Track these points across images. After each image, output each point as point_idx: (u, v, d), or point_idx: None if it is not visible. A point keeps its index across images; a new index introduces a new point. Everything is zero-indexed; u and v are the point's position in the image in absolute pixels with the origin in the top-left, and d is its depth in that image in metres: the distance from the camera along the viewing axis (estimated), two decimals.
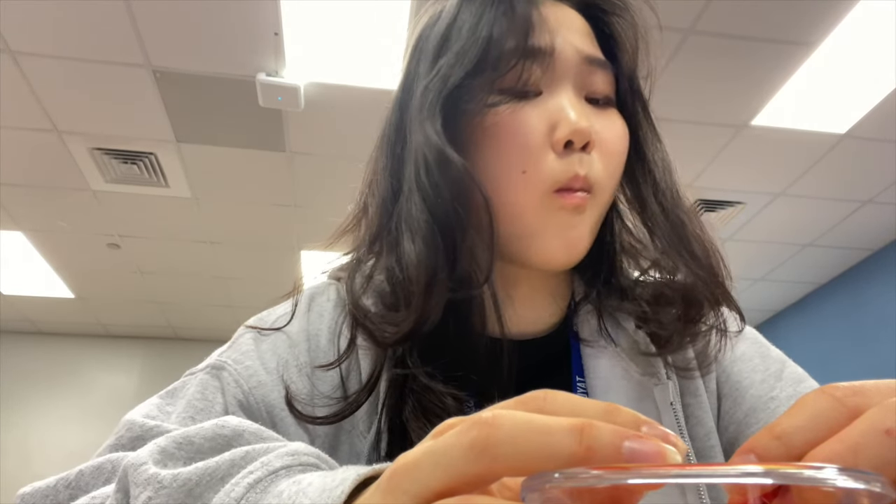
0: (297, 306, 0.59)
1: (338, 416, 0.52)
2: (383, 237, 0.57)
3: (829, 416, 0.24)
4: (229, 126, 2.99)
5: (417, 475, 0.23)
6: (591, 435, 0.21)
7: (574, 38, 0.56)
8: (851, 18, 2.42)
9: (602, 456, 0.21)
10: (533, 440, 0.22)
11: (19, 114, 2.86)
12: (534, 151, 0.53)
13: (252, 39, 2.51)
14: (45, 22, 2.41)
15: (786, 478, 0.20)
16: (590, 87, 0.56)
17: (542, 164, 0.52)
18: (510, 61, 0.52)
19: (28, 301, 4.75)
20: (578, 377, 0.58)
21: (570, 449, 0.21)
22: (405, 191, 0.55)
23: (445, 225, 0.51)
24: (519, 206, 0.53)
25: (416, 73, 0.58)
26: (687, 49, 2.56)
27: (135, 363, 5.34)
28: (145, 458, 0.36)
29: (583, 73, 0.55)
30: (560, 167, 0.52)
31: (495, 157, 0.53)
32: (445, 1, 0.59)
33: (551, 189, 0.52)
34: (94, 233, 3.88)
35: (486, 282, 0.52)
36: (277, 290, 0.63)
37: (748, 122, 2.98)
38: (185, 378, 0.54)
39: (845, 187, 3.46)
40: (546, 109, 0.54)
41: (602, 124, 0.55)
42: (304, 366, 0.55)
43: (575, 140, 0.52)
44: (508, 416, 0.23)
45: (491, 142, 0.53)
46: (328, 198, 3.40)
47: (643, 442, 0.21)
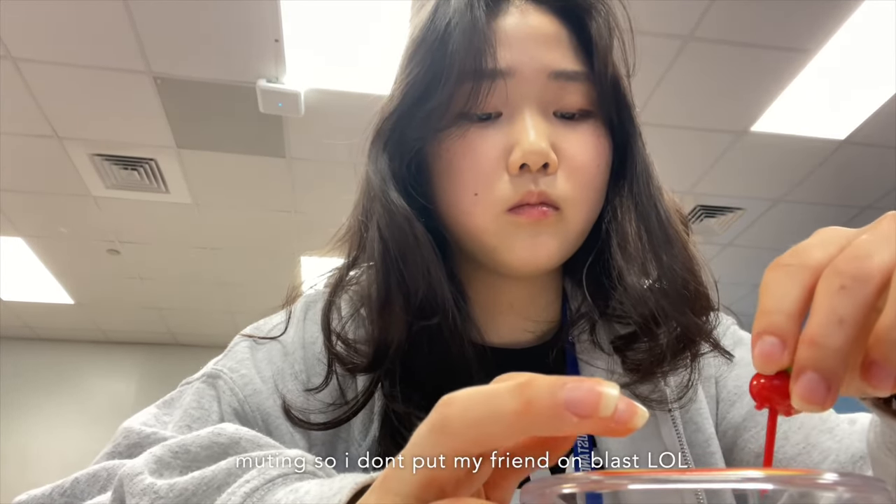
0: (293, 315, 0.59)
1: (334, 422, 0.52)
2: (354, 258, 0.58)
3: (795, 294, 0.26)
4: (230, 132, 2.99)
5: (402, 474, 0.23)
6: (530, 389, 0.22)
7: (540, 53, 0.53)
8: (850, 25, 2.42)
9: (541, 407, 0.21)
10: (480, 407, 0.22)
11: (20, 120, 2.86)
12: (486, 174, 0.52)
13: (252, 46, 2.51)
14: (46, 28, 2.42)
15: (787, 482, 0.20)
16: (559, 103, 0.53)
17: (493, 186, 0.52)
18: (463, 84, 0.51)
19: (28, 307, 4.75)
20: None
21: (512, 406, 0.22)
22: (368, 212, 0.56)
23: (395, 253, 0.52)
24: (474, 226, 0.53)
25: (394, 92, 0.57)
26: (686, 55, 2.57)
27: (134, 369, 5.33)
28: (141, 467, 0.35)
29: (549, 89, 0.53)
30: (511, 188, 0.51)
31: (448, 180, 0.54)
32: (419, 18, 0.57)
33: (503, 209, 0.52)
34: (94, 239, 3.88)
35: (440, 311, 0.52)
36: (277, 295, 0.63)
37: (748, 128, 2.98)
38: (182, 387, 0.54)
39: (844, 193, 3.47)
40: (503, 131, 0.52)
41: (570, 141, 0.53)
42: (299, 374, 0.55)
43: (529, 163, 0.51)
44: (461, 392, 0.23)
45: (445, 166, 0.54)
46: (328, 204, 3.40)
47: (578, 386, 0.21)
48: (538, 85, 0.53)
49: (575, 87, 0.54)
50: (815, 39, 2.50)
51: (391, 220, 0.53)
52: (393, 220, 0.53)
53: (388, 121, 0.55)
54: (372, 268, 0.55)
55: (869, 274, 0.25)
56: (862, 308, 0.25)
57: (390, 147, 0.55)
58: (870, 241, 0.26)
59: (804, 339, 0.25)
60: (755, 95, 2.78)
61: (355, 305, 0.57)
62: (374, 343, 0.53)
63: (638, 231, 0.56)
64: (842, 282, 0.25)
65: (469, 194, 0.52)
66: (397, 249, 0.52)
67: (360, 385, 0.54)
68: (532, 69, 0.52)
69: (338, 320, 0.56)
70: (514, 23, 0.53)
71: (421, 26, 0.54)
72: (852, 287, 0.25)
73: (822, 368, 0.24)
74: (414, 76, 0.53)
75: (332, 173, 3.21)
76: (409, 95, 0.53)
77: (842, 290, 0.25)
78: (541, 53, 0.53)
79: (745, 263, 4.16)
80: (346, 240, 0.60)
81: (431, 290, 0.52)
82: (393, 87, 0.56)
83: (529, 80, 0.52)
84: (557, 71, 0.53)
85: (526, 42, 0.53)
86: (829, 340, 0.24)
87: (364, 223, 0.56)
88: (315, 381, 0.54)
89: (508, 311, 0.60)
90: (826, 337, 0.24)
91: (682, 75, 2.64)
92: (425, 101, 0.52)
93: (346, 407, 0.53)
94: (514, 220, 0.52)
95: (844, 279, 0.25)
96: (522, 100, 0.53)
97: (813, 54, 2.56)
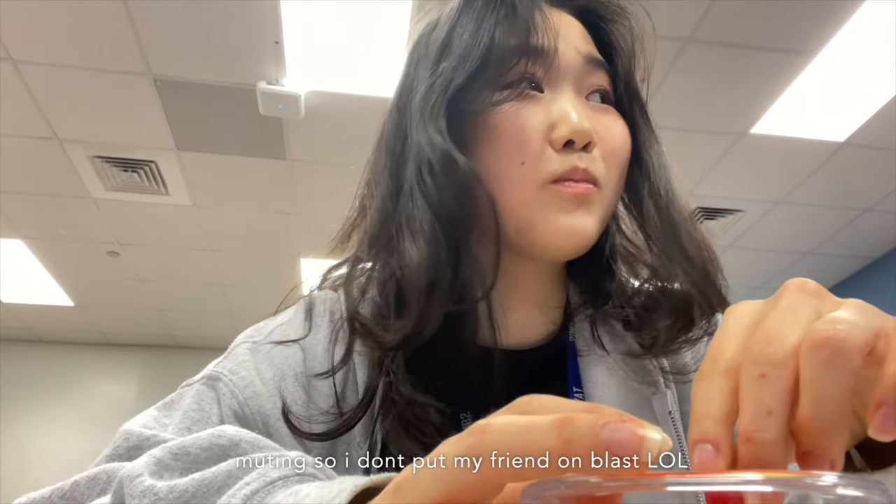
0: (294, 316, 0.59)
1: (333, 433, 0.52)
2: (382, 238, 0.56)
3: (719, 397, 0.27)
4: (230, 134, 2.99)
5: (419, 486, 0.23)
6: (570, 427, 0.21)
7: (575, 40, 0.57)
8: (850, 26, 2.42)
9: (581, 447, 0.21)
10: (519, 440, 0.22)
11: (20, 122, 2.87)
12: (533, 145, 0.53)
13: (253, 48, 2.52)
14: (47, 30, 2.42)
15: (786, 485, 0.20)
16: (590, 88, 0.57)
17: (539, 157, 0.53)
18: (513, 60, 0.54)
19: (28, 309, 4.75)
20: (576, 387, 0.58)
21: (551, 443, 0.21)
22: (406, 191, 0.55)
23: (449, 226, 0.52)
24: (518, 198, 0.53)
25: (415, 77, 0.58)
26: (686, 58, 2.57)
27: (134, 371, 5.33)
28: (141, 469, 0.35)
29: (583, 73, 0.56)
30: (558, 160, 0.53)
31: (495, 152, 0.54)
32: (444, 8, 0.59)
33: (548, 180, 0.52)
34: (94, 241, 3.88)
35: (490, 288, 0.52)
36: (277, 297, 0.63)
37: (747, 131, 2.98)
38: (182, 389, 0.54)
39: (845, 195, 3.47)
40: (547, 109, 0.54)
41: (603, 125, 0.56)
42: (300, 376, 0.54)
43: (576, 140, 0.52)
44: (498, 421, 0.23)
45: (492, 139, 0.54)
46: (328, 206, 3.40)
47: (620, 428, 0.21)
48: (576, 67, 0.56)
49: (602, 74, 0.57)
50: (815, 41, 2.50)
51: (456, 186, 0.52)
52: (458, 184, 0.52)
53: (439, 93, 0.54)
54: (402, 246, 0.53)
55: (784, 357, 0.25)
56: (786, 394, 0.25)
57: (447, 113, 0.54)
58: (777, 321, 0.27)
59: (741, 438, 0.25)
60: (755, 97, 2.78)
61: (385, 288, 0.55)
62: (412, 322, 0.51)
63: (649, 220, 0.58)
64: (760, 370, 0.25)
65: (516, 164, 0.53)
66: (457, 218, 0.52)
67: (360, 386, 0.54)
68: (571, 51, 0.56)
69: (359, 295, 0.55)
70: (549, 13, 0.57)
71: (457, 9, 0.57)
72: (771, 374, 0.25)
73: (764, 462, 0.25)
74: (464, 49, 0.54)
75: (332, 175, 3.21)
76: (461, 69, 0.54)
77: (762, 378, 0.25)
78: (575, 41, 0.57)
79: (745, 266, 4.16)
80: (353, 230, 0.60)
81: (480, 271, 0.52)
82: (437, 66, 0.56)
83: (569, 62, 0.56)
84: (591, 56, 0.57)
85: (563, 28, 0.57)
86: (763, 435, 0.25)
87: (386, 200, 0.56)
88: (316, 385, 0.54)
89: (521, 305, 0.60)
90: (759, 432, 0.25)
91: (682, 77, 2.64)
92: (479, 75, 0.54)
93: (346, 416, 0.52)
94: (558, 193, 0.52)
95: (762, 367, 0.25)
96: (563, 80, 0.55)
97: (813, 56, 2.56)
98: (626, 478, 0.20)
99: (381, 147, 0.60)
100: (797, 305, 0.27)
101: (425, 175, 0.53)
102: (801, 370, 0.25)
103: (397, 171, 0.57)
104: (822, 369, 0.25)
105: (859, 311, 0.27)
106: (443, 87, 0.54)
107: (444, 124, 0.53)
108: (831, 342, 0.25)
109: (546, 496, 0.21)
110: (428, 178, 0.53)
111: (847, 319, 0.26)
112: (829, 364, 0.25)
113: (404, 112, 0.58)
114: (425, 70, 0.57)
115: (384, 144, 0.60)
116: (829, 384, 0.25)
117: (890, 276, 4.01)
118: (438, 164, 0.52)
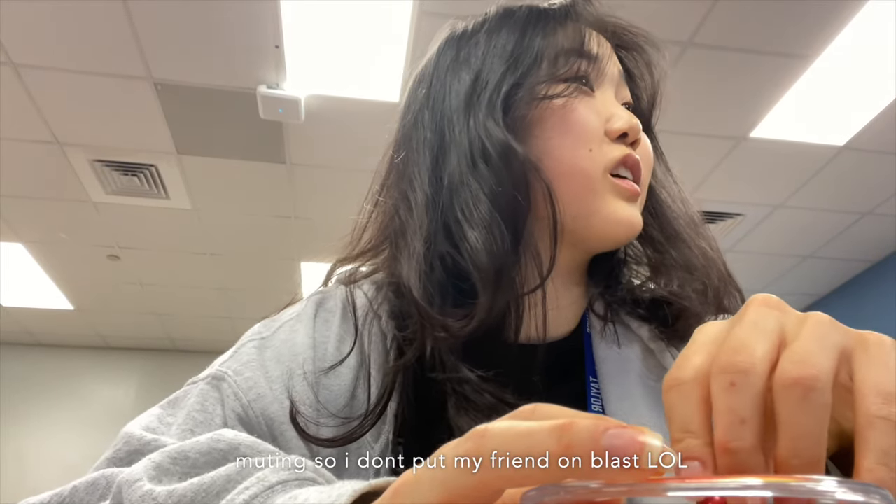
0: (304, 311, 0.58)
1: (343, 439, 0.51)
2: (432, 231, 0.56)
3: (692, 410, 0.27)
4: (230, 138, 3.00)
5: (418, 490, 0.23)
6: (571, 433, 0.21)
7: (611, 56, 0.62)
8: (849, 30, 2.43)
9: (581, 452, 0.21)
10: (518, 445, 0.22)
11: (20, 125, 2.87)
12: (596, 134, 0.57)
13: (253, 52, 2.52)
14: (47, 34, 2.42)
15: (786, 490, 0.20)
16: (622, 100, 0.62)
17: (602, 145, 0.57)
18: (569, 58, 0.58)
19: (28, 313, 4.74)
20: (592, 378, 0.58)
21: (551, 448, 0.21)
22: (453, 184, 0.56)
23: (507, 213, 0.53)
24: (583, 183, 0.56)
25: (451, 78, 0.60)
26: (686, 62, 2.57)
27: (133, 375, 5.33)
28: (140, 474, 0.35)
29: (620, 85, 0.62)
30: (617, 147, 0.57)
31: (562, 137, 0.57)
32: (469, 20, 0.63)
33: (608, 169, 0.57)
34: (94, 244, 3.88)
35: (548, 276, 0.54)
36: (277, 301, 0.62)
37: (747, 134, 2.99)
38: (187, 387, 0.53)
39: (844, 199, 3.47)
40: (599, 108, 0.59)
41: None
42: (308, 375, 0.53)
43: (630, 133, 0.57)
44: (497, 426, 0.23)
45: (552, 129, 0.57)
46: (328, 210, 3.40)
47: (620, 434, 0.21)
48: (617, 78, 0.62)
49: (629, 93, 0.63)
50: (815, 45, 2.50)
51: (514, 175, 0.54)
52: (515, 172, 0.54)
53: (493, 88, 0.57)
54: (463, 234, 0.54)
55: (752, 364, 0.26)
56: (757, 400, 0.26)
57: (499, 110, 0.57)
58: (744, 332, 0.28)
59: (718, 449, 0.26)
60: (754, 101, 2.79)
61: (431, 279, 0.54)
62: (484, 309, 0.51)
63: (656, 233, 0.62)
64: (730, 379, 0.26)
65: (585, 149, 0.57)
66: (515, 205, 0.54)
67: (373, 390, 0.53)
68: (612, 63, 0.62)
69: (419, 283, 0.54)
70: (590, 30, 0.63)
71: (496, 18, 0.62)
72: (741, 382, 0.26)
73: (744, 470, 0.25)
74: (514, 47, 0.59)
75: (333, 179, 3.21)
76: (517, 65, 0.58)
77: (732, 387, 0.26)
78: (612, 56, 0.62)
79: (744, 269, 4.16)
80: (367, 229, 0.61)
81: (538, 259, 0.55)
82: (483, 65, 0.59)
83: (612, 72, 0.61)
84: (624, 72, 0.63)
85: (604, 43, 0.62)
86: (739, 444, 0.25)
87: (429, 196, 0.57)
88: (325, 384, 0.53)
89: (563, 295, 0.60)
90: (736, 441, 0.25)
91: (682, 81, 2.65)
92: (534, 70, 0.57)
93: (358, 423, 0.51)
94: (616, 185, 0.57)
95: (730, 375, 0.26)
96: (609, 85, 0.61)
97: (812, 60, 2.57)
98: (626, 483, 0.20)
99: (416, 146, 0.60)
100: (761, 319, 0.28)
101: (480, 166, 0.55)
102: (777, 410, 0.26)
103: (439, 166, 0.58)
104: (797, 409, 0.25)
105: (823, 333, 0.27)
106: (497, 82, 0.57)
107: (501, 116, 0.56)
108: (802, 381, 0.25)
109: (545, 501, 0.21)
110: (483, 168, 0.55)
111: (812, 352, 0.26)
112: (803, 403, 0.25)
113: (438, 110, 0.60)
114: (467, 70, 0.59)
115: (420, 143, 0.60)
116: (804, 423, 0.25)
117: (890, 279, 4.01)
118: (497, 155, 0.54)
